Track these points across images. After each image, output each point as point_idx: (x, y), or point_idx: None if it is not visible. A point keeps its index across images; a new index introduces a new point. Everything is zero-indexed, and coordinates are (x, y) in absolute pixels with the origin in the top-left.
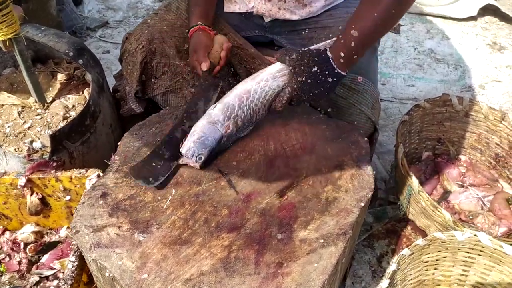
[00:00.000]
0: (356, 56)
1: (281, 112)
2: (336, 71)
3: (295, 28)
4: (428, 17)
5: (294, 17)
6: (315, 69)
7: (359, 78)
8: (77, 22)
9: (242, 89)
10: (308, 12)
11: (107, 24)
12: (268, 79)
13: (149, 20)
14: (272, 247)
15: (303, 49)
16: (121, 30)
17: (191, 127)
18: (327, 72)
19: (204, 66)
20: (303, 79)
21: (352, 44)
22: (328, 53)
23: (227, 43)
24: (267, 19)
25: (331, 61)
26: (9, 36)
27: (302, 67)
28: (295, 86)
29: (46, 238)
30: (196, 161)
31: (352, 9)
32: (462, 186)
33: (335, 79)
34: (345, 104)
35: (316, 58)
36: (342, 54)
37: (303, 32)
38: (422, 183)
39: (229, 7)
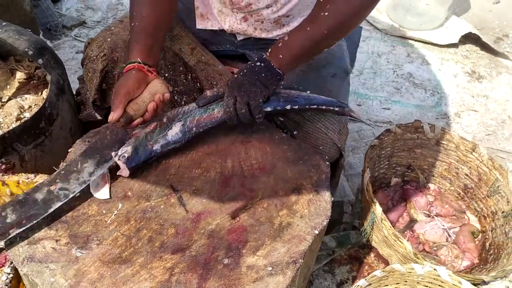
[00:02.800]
0: (281, 56)
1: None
2: (263, 55)
3: (268, 44)
4: (409, 41)
5: (270, 36)
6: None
7: None
8: (52, 20)
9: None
10: (285, 32)
11: (84, 24)
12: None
13: (113, 28)
14: (217, 272)
15: None
16: (98, 31)
17: (64, 189)
18: (256, 59)
19: (110, 117)
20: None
21: (280, 44)
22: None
23: (163, 93)
24: (240, 37)
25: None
26: None
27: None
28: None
29: None
30: (119, 159)
31: None
32: (428, 215)
33: (262, 64)
34: (312, 128)
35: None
36: (269, 49)
37: None
38: (388, 210)
39: (201, 24)
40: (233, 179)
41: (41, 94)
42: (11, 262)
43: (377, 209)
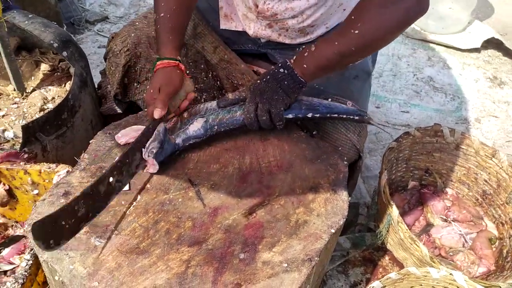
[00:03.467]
0: (305, 66)
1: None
2: (287, 61)
3: (290, 46)
4: (431, 45)
5: (294, 42)
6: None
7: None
8: (76, 14)
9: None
10: (308, 39)
11: (106, 19)
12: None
13: (137, 23)
14: (233, 267)
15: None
16: (120, 26)
17: (119, 182)
18: (279, 65)
19: (157, 114)
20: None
21: (306, 54)
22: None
23: (193, 93)
24: (262, 40)
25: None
26: None
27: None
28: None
29: (10, 231)
30: (148, 156)
31: None
32: (445, 220)
33: (286, 71)
34: (332, 129)
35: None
36: (294, 57)
37: (297, 49)
38: (405, 213)
39: (225, 24)
40: (251, 175)
41: (64, 86)
42: (31, 249)
43: (394, 211)
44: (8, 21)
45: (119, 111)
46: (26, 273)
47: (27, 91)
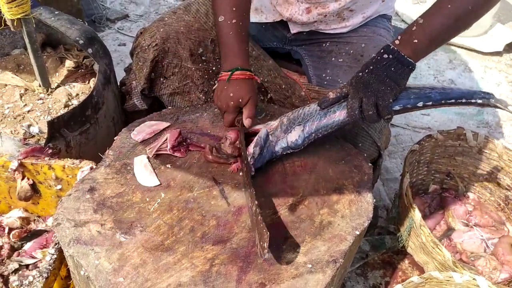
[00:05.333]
0: (416, 41)
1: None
2: (389, 45)
3: (318, 40)
4: (452, 47)
5: (327, 29)
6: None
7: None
8: (97, 12)
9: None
10: (343, 27)
11: (127, 17)
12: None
13: (166, 18)
14: (257, 266)
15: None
16: (140, 25)
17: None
18: (381, 51)
19: (250, 123)
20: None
21: (414, 28)
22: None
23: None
24: (293, 31)
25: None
26: (18, 16)
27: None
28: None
29: (33, 226)
30: (251, 159)
31: (380, 30)
32: (467, 225)
33: (391, 56)
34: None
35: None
36: (399, 37)
37: (324, 45)
38: (425, 217)
39: (255, 17)
40: (275, 175)
41: (88, 83)
42: (56, 243)
43: (416, 214)
44: (34, 18)
45: (143, 107)
46: (50, 267)
47: (51, 87)
